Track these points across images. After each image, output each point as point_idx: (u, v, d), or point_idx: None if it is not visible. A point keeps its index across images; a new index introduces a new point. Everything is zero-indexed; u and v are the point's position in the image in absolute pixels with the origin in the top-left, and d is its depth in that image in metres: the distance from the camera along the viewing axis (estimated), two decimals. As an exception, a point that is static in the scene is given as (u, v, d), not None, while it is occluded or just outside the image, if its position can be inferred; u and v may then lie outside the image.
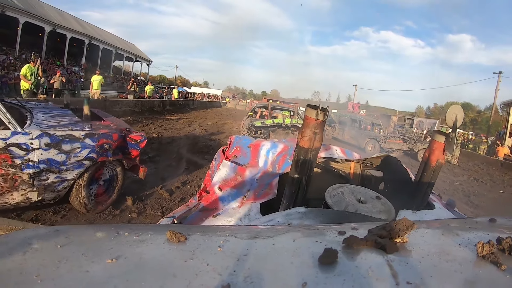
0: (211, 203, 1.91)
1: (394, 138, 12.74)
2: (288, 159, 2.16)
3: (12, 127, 2.86)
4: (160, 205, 4.06)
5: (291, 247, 0.71)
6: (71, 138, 3.13)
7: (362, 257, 0.65)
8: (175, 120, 14.10)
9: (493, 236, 0.73)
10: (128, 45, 40.40)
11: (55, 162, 3.02)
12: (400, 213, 1.47)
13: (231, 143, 2.53)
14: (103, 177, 3.65)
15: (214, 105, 32.74)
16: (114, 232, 0.72)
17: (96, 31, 34.13)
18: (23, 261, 0.57)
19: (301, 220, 1.25)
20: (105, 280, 0.53)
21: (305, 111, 1.46)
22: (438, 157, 1.68)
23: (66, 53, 28.96)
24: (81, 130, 3.27)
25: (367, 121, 14.54)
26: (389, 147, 12.54)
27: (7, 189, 2.88)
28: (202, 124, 14.08)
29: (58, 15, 29.23)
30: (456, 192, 8.06)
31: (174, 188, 4.76)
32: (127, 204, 3.87)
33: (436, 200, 1.92)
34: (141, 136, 3.91)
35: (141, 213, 3.76)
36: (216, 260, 0.62)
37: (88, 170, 3.32)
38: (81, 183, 3.30)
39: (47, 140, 2.97)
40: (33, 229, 0.83)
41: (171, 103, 20.28)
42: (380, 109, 62.24)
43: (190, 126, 12.82)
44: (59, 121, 3.43)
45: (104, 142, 3.40)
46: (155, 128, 10.76)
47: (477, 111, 54.63)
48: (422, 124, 29.39)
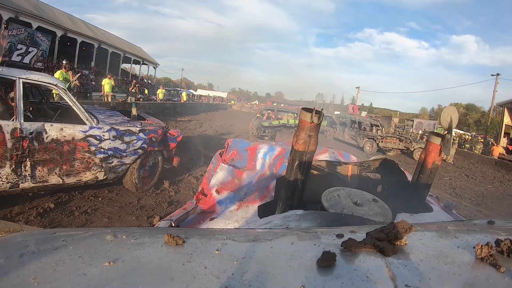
0: (209, 206, 1.92)
1: (391, 138, 13.67)
2: (285, 162, 2.12)
3: (89, 123, 3.83)
4: (190, 187, 5.03)
5: (289, 250, 0.71)
6: (130, 132, 4.12)
7: (360, 260, 0.65)
8: (186, 122, 15.16)
9: (491, 238, 0.74)
10: (136, 49, 41.56)
11: (119, 150, 3.99)
12: (398, 216, 1.47)
13: (229, 146, 2.57)
14: (148, 164, 4.62)
15: (220, 107, 33.82)
16: (112, 235, 0.72)
17: (105, 35, 35.30)
18: (20, 264, 0.57)
19: (298, 222, 1.25)
20: (103, 283, 0.54)
21: (299, 114, 1.47)
22: (434, 158, 1.68)
23: (76, 57, 30.04)
24: (136, 126, 4.25)
25: (366, 122, 15.45)
26: (386, 146, 13.44)
27: (83, 169, 3.84)
28: (212, 125, 15.08)
29: (68, 20, 30.41)
30: (443, 185, 8.80)
31: (198, 175, 5.73)
32: (164, 186, 4.84)
33: (434, 203, 1.91)
34: (178, 132, 4.91)
35: (177, 193, 4.72)
36: (214, 264, 0.62)
37: (140, 157, 4.30)
38: (134, 167, 4.27)
39: (114, 133, 3.95)
40: (30, 231, 0.82)
41: (181, 105, 21.34)
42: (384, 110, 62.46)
43: (201, 127, 13.84)
44: (115, 120, 4.40)
45: (152, 136, 4.39)
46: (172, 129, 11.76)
47: (481, 112, 53.73)
48: (422, 125, 30.30)
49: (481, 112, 52.56)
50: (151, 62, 43.37)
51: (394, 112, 60.61)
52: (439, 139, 1.68)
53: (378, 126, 15.04)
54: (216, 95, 48.57)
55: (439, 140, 1.68)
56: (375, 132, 14.64)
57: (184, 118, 16.73)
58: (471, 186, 9.56)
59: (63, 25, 28.42)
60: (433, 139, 1.70)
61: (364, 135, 14.03)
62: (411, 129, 25.84)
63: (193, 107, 23.37)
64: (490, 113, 28.75)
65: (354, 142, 14.43)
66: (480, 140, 22.73)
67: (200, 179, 5.56)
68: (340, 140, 15.62)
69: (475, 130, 44.37)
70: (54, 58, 27.80)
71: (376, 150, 13.32)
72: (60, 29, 28.07)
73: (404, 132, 18.39)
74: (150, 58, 43.58)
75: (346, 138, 15.13)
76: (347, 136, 15.13)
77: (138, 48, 43.26)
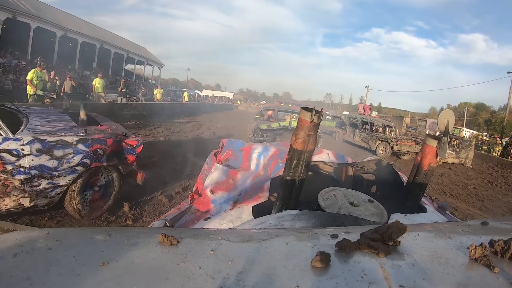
0: (203, 206, 1.92)
1: (406, 140, 12.36)
2: (279, 162, 2.16)
3: (4, 133, 2.80)
4: (158, 211, 3.96)
5: (283, 250, 0.71)
6: (63, 143, 3.06)
7: (355, 260, 0.65)
8: (184, 124, 14.11)
9: (485, 239, 0.73)
10: (140, 49, 40.92)
11: (46, 168, 2.95)
12: (392, 217, 1.47)
13: (223, 146, 2.52)
14: (98, 182, 3.57)
15: (226, 107, 32.79)
16: (106, 235, 0.72)
17: (107, 35, 34.68)
18: (14, 264, 0.56)
19: (293, 222, 1.25)
20: (97, 283, 0.53)
21: (299, 113, 1.46)
22: (430, 161, 1.69)
23: (78, 58, 29.45)
24: (74, 135, 3.21)
25: (378, 123, 14.11)
26: (401, 150, 12.19)
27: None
28: (211, 127, 14.03)
29: (69, 20, 29.81)
30: (469, 196, 7.74)
31: (174, 193, 4.66)
32: (123, 210, 3.79)
33: (428, 204, 1.92)
34: (137, 141, 3.82)
35: (137, 220, 3.66)
36: (209, 264, 0.62)
37: (81, 176, 3.25)
38: (74, 189, 3.23)
39: (38, 146, 2.91)
40: (24, 231, 0.82)
41: (181, 106, 20.35)
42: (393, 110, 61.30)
43: (199, 129, 12.79)
44: (54, 126, 3.38)
45: (98, 147, 3.32)
46: (163, 132, 10.75)
47: (491, 111, 53.03)
48: (435, 125, 28.52)
49: (491, 112, 51.91)
50: (155, 63, 42.63)
51: (403, 112, 59.19)
52: (436, 142, 1.67)
53: (392, 128, 13.76)
54: (222, 95, 47.63)
55: (435, 142, 1.67)
56: (388, 133, 13.38)
57: (182, 119, 15.64)
58: (499, 196, 8.52)
59: (63, 25, 27.77)
60: (430, 141, 1.69)
61: (377, 137, 12.77)
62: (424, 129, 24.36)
63: (195, 108, 22.18)
64: (506, 113, 26.97)
65: (366, 145, 13.12)
66: (498, 142, 21.23)
67: (176, 197, 4.54)
68: (350, 142, 14.37)
69: (486, 129, 43.36)
70: (54, 60, 27.30)
71: (390, 154, 12.09)
72: (60, 29, 27.45)
73: (417, 133, 16.99)
74: (154, 59, 42.90)
75: (357, 140, 13.79)
76: (358, 138, 13.81)
77: (142, 48, 42.61)
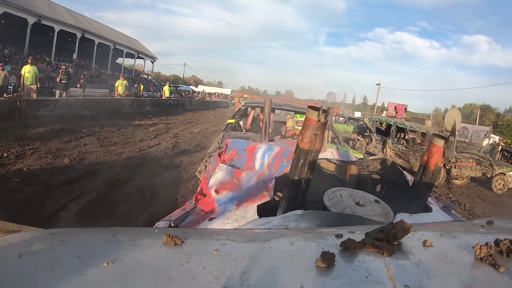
0: (208, 206, 1.86)
1: (466, 160, 8.21)
2: (284, 161, 2.09)
3: None
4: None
5: (288, 250, 0.70)
6: None
7: (359, 260, 0.64)
8: (144, 127, 10.06)
9: (491, 239, 0.72)
10: (131, 41, 37.06)
11: None
12: (397, 216, 1.42)
13: (227, 146, 2.45)
14: None
15: (220, 105, 28.82)
16: (111, 235, 0.71)
17: (91, 24, 30.87)
18: (19, 264, 0.56)
19: (297, 222, 1.25)
20: (101, 283, 0.53)
21: (306, 112, 1.42)
22: (437, 160, 1.65)
23: (54, 48, 25.66)
24: None
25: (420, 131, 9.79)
26: (461, 174, 8.08)
27: None
28: (181, 133, 10.03)
29: (45, 5, 25.99)
30: None
31: None
32: None
33: (433, 203, 1.89)
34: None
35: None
36: (213, 264, 0.61)
37: None
38: None
39: None
40: (29, 232, 0.81)
41: (157, 103, 16.31)
42: (403, 111, 56.88)
43: (158, 137, 8.74)
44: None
45: None
46: (89, 144, 6.75)
47: (496, 113, 53.21)
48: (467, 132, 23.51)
49: (497, 114, 52.09)
50: (148, 56, 38.68)
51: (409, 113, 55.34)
52: (443, 141, 1.63)
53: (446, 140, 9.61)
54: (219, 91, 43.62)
55: (442, 142, 1.63)
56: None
57: (148, 121, 11.65)
58: None
59: (36, 11, 23.94)
60: (437, 141, 1.65)
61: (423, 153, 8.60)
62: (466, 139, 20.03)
63: (177, 105, 18.13)
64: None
65: (404, 162, 8.89)
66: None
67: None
68: (373, 154, 10.22)
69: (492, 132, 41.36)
70: (25, 50, 23.53)
71: (445, 180, 7.96)
72: (33, 16, 23.58)
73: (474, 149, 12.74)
74: (147, 51, 38.97)
75: (389, 154, 9.49)
76: (390, 152, 9.56)
77: (134, 41, 38.73)
